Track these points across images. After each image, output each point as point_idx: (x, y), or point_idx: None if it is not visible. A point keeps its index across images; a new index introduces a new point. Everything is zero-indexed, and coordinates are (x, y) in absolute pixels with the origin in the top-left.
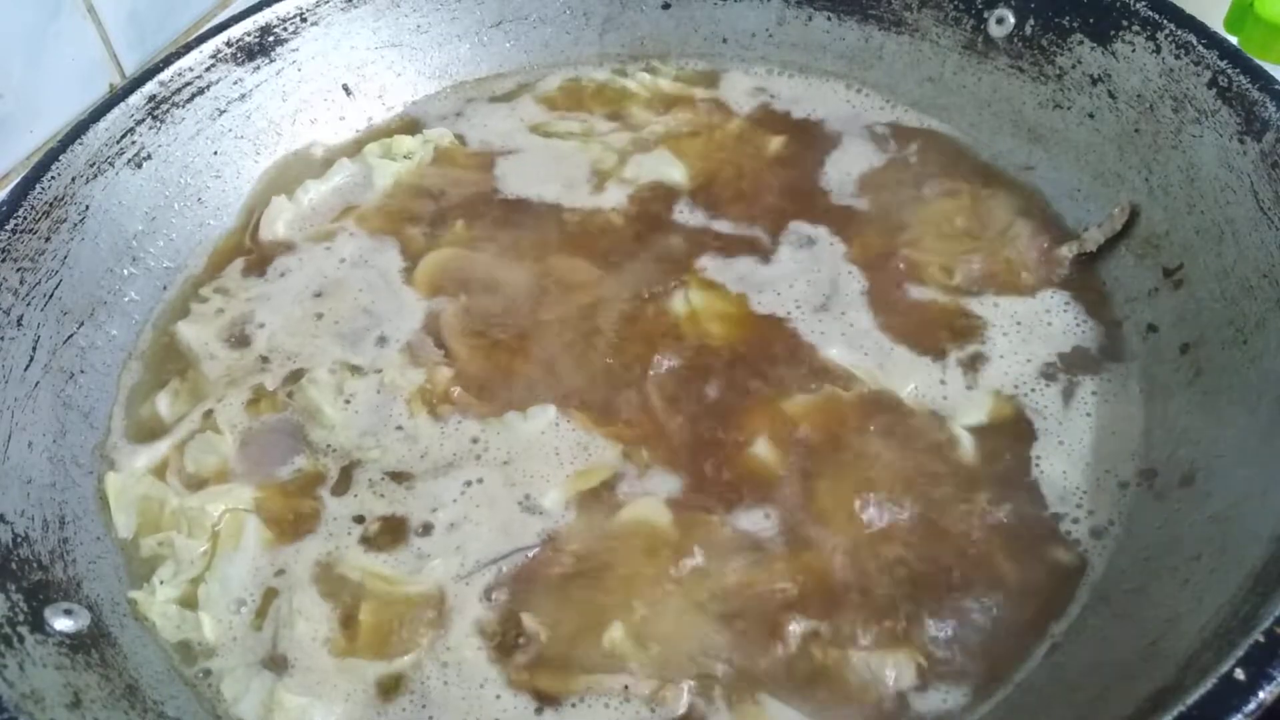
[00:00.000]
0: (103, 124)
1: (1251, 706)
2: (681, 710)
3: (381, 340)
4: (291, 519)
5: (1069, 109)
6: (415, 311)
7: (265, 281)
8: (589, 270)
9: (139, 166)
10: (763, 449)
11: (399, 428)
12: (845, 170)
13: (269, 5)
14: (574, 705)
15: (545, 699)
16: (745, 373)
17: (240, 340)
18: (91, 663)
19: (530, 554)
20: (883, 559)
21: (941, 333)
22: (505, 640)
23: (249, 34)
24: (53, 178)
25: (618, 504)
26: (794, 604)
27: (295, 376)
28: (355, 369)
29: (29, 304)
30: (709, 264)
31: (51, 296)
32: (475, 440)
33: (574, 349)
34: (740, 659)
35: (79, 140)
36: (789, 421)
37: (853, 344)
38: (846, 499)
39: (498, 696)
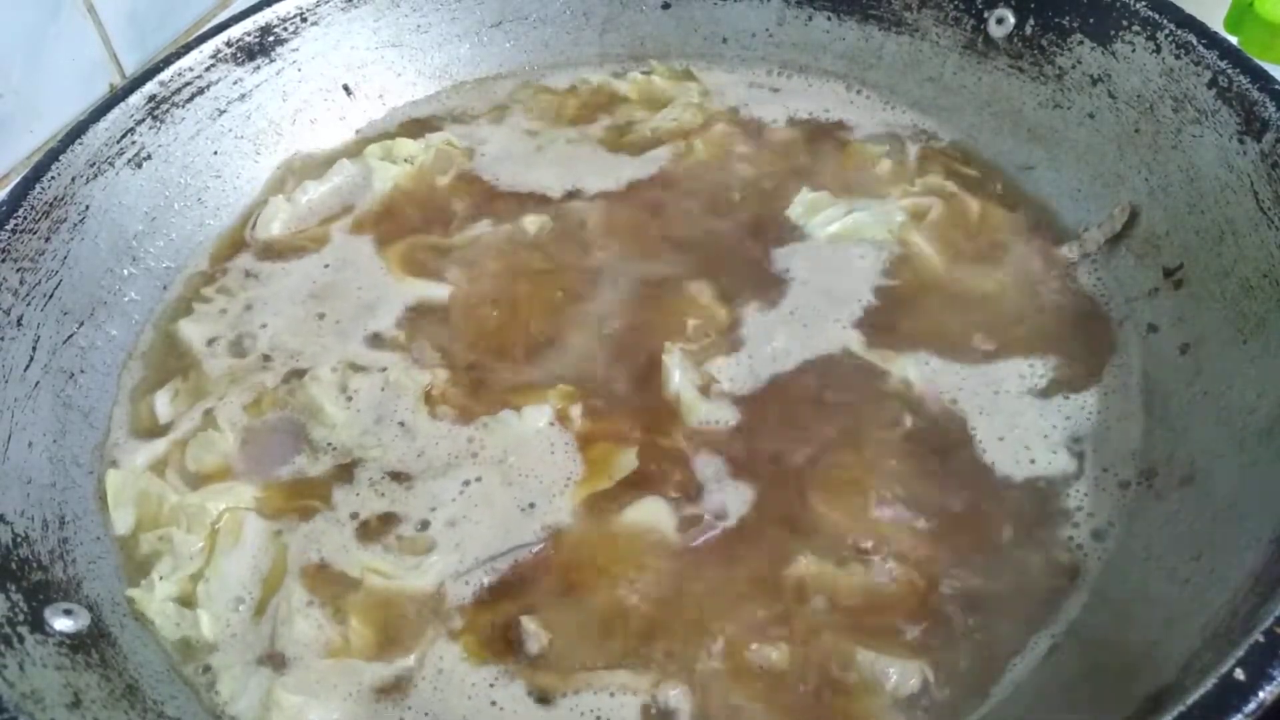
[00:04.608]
0: (103, 124)
1: (1251, 706)
2: (682, 704)
3: (380, 340)
4: (291, 517)
5: (1069, 109)
6: (412, 312)
7: (265, 282)
8: (588, 269)
9: (139, 166)
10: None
11: (401, 423)
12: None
13: (269, 5)
14: (573, 703)
15: (544, 696)
16: None
17: (242, 339)
18: (91, 663)
19: (533, 550)
20: (886, 561)
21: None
22: (504, 638)
23: (249, 34)
24: (53, 178)
25: (620, 504)
26: (796, 603)
27: (297, 375)
28: (356, 368)
29: (29, 304)
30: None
31: (51, 296)
32: (472, 439)
33: (571, 348)
34: (744, 654)
35: (79, 140)
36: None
37: None
38: (854, 500)
39: (496, 694)
